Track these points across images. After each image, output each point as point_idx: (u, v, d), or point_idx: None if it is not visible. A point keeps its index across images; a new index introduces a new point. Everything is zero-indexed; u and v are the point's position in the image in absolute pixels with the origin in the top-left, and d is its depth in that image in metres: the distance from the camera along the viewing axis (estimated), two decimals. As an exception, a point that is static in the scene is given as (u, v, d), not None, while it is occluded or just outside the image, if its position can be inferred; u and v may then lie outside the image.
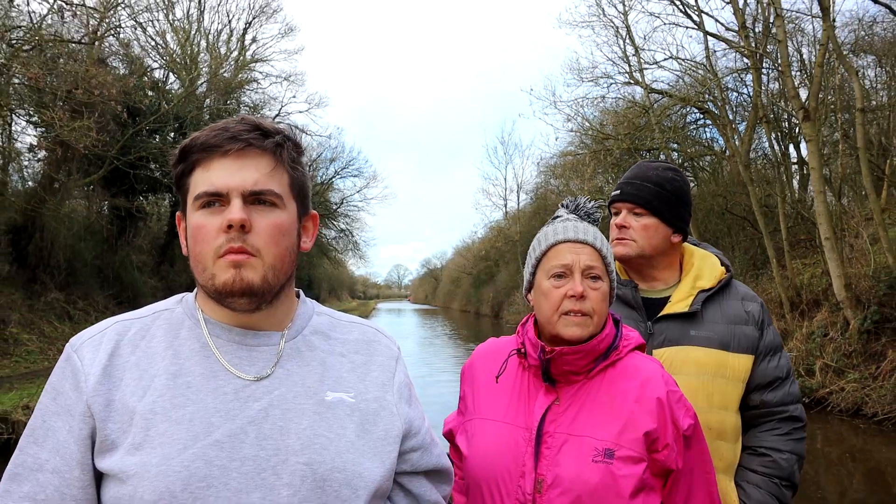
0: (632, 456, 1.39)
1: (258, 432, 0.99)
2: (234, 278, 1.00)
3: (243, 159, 1.03)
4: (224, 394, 1.01)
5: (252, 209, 1.02)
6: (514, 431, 1.47)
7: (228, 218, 0.99)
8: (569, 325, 1.46)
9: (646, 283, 1.93)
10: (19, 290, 14.45)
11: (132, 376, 1.01)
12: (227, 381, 1.02)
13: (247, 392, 1.02)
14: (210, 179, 1.02)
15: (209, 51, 26.52)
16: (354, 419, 1.07)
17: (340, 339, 1.15)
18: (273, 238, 1.03)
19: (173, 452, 0.95)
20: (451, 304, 70.04)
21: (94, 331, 1.07)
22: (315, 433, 1.02)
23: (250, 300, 1.03)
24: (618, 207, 1.93)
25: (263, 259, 1.02)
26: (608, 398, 1.46)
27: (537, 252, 1.55)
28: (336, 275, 59.41)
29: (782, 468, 1.79)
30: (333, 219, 34.04)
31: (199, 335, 1.06)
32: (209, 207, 1.02)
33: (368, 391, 1.11)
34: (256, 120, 1.07)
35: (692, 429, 1.47)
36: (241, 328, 1.07)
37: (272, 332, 1.09)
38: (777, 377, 1.83)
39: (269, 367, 1.05)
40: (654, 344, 1.81)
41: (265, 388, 1.03)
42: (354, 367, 1.13)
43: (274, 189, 1.04)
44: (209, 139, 1.03)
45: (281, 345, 1.08)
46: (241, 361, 1.04)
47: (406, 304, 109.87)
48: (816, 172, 9.43)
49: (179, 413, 0.98)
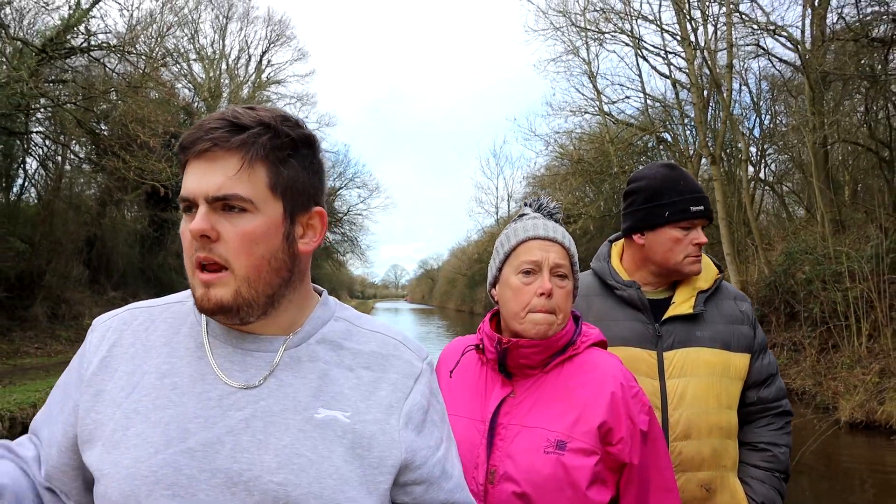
0: (584, 448, 1.39)
1: (235, 444, 0.91)
2: (203, 297, 0.94)
3: (213, 161, 0.93)
4: (207, 399, 0.94)
5: (221, 216, 0.93)
6: (470, 424, 1.48)
7: (191, 228, 0.92)
8: (535, 322, 1.46)
9: (647, 285, 1.89)
10: (87, 290, 17.45)
11: (125, 370, 0.98)
12: (214, 387, 0.95)
13: (231, 400, 0.94)
14: (185, 183, 0.95)
15: (229, 74, 29.58)
16: (345, 442, 0.96)
17: (352, 351, 1.04)
18: (243, 247, 0.93)
19: (144, 455, 0.90)
20: (448, 303, 71.63)
21: (110, 315, 1.06)
22: (295, 452, 0.92)
23: (226, 317, 0.95)
24: (694, 223, 1.83)
25: (234, 272, 0.93)
26: (563, 391, 1.46)
27: (506, 247, 1.54)
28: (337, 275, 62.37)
29: (781, 461, 1.83)
30: (338, 225, 37.47)
31: (198, 334, 1.00)
32: (187, 213, 0.96)
33: (369, 412, 0.99)
34: (234, 112, 0.95)
35: (648, 424, 1.46)
36: (239, 331, 1.00)
37: (274, 337, 1.00)
38: (770, 374, 1.87)
39: (261, 375, 0.97)
40: (663, 346, 1.79)
41: (252, 397, 0.95)
42: (360, 383, 1.01)
43: (239, 193, 0.92)
44: (185, 139, 0.95)
45: (280, 352, 0.99)
46: (233, 367, 0.97)
47: (403, 304, 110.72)
48: (721, 204, 12.54)
49: (158, 415, 0.93)
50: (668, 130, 18.73)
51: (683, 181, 1.84)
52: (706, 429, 1.74)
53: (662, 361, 1.78)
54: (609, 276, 1.90)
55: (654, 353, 1.79)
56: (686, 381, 1.75)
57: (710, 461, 1.74)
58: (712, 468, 1.74)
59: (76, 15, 15.72)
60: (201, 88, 26.21)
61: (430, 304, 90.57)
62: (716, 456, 1.74)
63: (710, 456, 1.74)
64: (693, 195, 1.81)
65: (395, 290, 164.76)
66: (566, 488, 1.37)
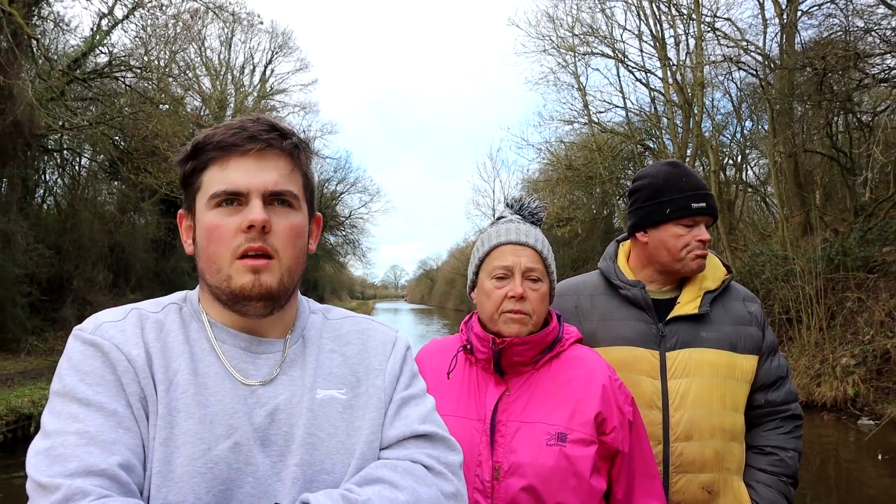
0: (584, 438, 1.45)
1: (264, 438, 0.98)
2: (253, 283, 0.99)
3: (263, 160, 1.01)
4: (236, 397, 0.99)
5: (270, 210, 1.01)
6: (467, 423, 1.50)
7: (250, 218, 0.98)
8: (508, 322, 1.51)
9: (653, 284, 1.88)
10: (109, 294, 18.67)
11: (159, 364, 0.99)
12: (237, 386, 1.00)
13: (254, 398, 1.00)
14: (229, 178, 1.00)
15: (234, 83, 30.76)
16: (346, 417, 1.04)
17: (332, 336, 1.13)
18: (291, 239, 1.02)
19: (197, 453, 0.94)
20: (446, 303, 72.25)
21: (116, 315, 1.04)
22: (308, 433, 1.00)
23: (266, 304, 1.01)
24: (696, 220, 1.81)
25: (281, 261, 1.01)
26: (556, 386, 1.51)
27: (480, 253, 1.59)
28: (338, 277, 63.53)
29: (789, 466, 1.81)
30: (340, 228, 38.81)
31: (206, 337, 1.04)
32: (226, 206, 1.00)
33: (360, 383, 1.09)
34: (272, 120, 1.05)
35: (633, 415, 1.53)
36: (247, 334, 1.05)
37: (276, 339, 1.07)
38: (779, 376, 1.85)
39: (273, 372, 1.04)
40: (666, 346, 1.78)
41: (270, 393, 1.01)
42: (346, 359, 1.10)
43: (292, 190, 1.03)
44: (227, 138, 1.00)
45: (285, 350, 1.06)
46: (247, 367, 1.03)
47: (402, 304, 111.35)
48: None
49: (202, 412, 0.96)
50: (652, 138, 19.99)
51: (686, 178, 1.84)
52: (708, 430, 1.73)
53: (665, 361, 1.77)
54: (614, 276, 1.90)
55: (656, 352, 1.78)
56: (689, 381, 1.74)
57: (713, 463, 1.73)
58: (714, 470, 1.74)
59: (97, 37, 16.93)
60: (210, 100, 27.29)
61: (429, 305, 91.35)
62: (718, 458, 1.74)
63: (713, 458, 1.73)
64: (695, 192, 1.81)
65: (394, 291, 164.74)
66: (570, 478, 1.42)
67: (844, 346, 10.27)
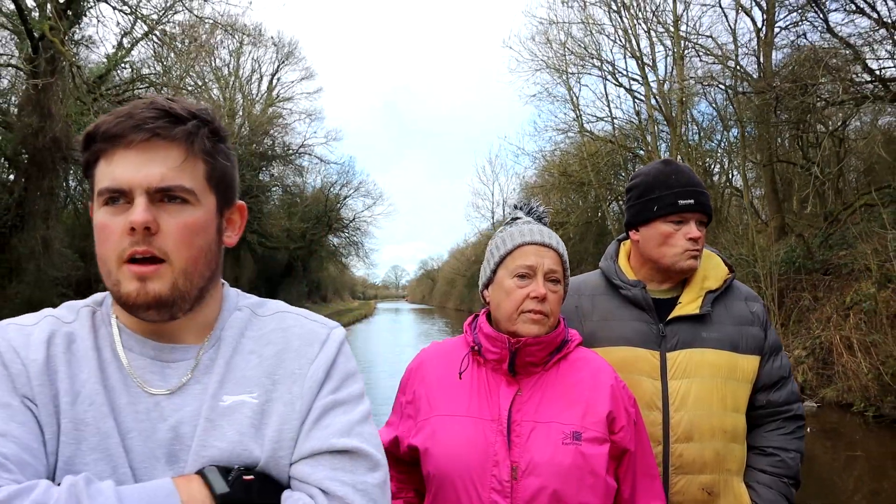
0: (597, 437, 1.47)
1: (170, 454, 0.93)
2: (139, 291, 0.91)
3: (149, 151, 0.92)
4: (136, 412, 0.94)
5: (160, 208, 0.92)
6: (480, 424, 1.50)
7: (130, 220, 0.90)
8: (527, 322, 1.52)
9: (653, 282, 1.87)
10: (130, 293, 19.83)
11: (64, 374, 0.94)
12: (139, 399, 0.94)
13: (157, 411, 0.94)
14: (113, 174, 0.92)
15: (242, 92, 31.99)
16: (255, 423, 0.96)
17: (253, 337, 1.03)
18: (184, 239, 0.93)
19: (107, 471, 0.90)
20: (447, 303, 72.53)
21: (28, 320, 0.99)
22: (203, 444, 0.93)
23: (159, 311, 0.93)
24: (685, 217, 1.80)
25: (173, 264, 0.92)
26: (566, 387, 1.53)
27: (501, 251, 1.58)
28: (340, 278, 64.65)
29: (790, 467, 1.80)
30: (344, 231, 40.13)
31: (112, 345, 0.98)
32: (113, 205, 0.92)
33: (276, 387, 0.99)
34: (167, 103, 0.94)
35: (636, 415, 1.56)
36: (156, 340, 0.98)
37: (191, 345, 1.00)
38: (781, 377, 1.85)
39: (181, 380, 0.97)
40: (667, 346, 1.78)
41: (175, 404, 0.95)
42: (261, 360, 1.01)
43: (184, 184, 0.93)
44: (111, 127, 0.92)
45: (199, 356, 0.99)
46: (153, 377, 0.96)
47: (403, 304, 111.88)
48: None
49: (105, 426, 0.91)
50: (640, 146, 21.18)
51: (676, 175, 1.83)
52: (709, 431, 1.74)
53: (665, 362, 1.78)
54: (615, 276, 1.91)
55: (657, 353, 1.79)
56: (689, 382, 1.75)
57: (713, 464, 1.74)
58: (715, 471, 1.74)
59: (119, 54, 18.14)
60: (219, 108, 28.43)
61: (430, 305, 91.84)
62: (719, 459, 1.75)
63: (713, 459, 1.74)
64: (684, 188, 1.80)
65: (395, 291, 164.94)
66: (587, 476, 1.44)
67: (798, 341, 11.48)
